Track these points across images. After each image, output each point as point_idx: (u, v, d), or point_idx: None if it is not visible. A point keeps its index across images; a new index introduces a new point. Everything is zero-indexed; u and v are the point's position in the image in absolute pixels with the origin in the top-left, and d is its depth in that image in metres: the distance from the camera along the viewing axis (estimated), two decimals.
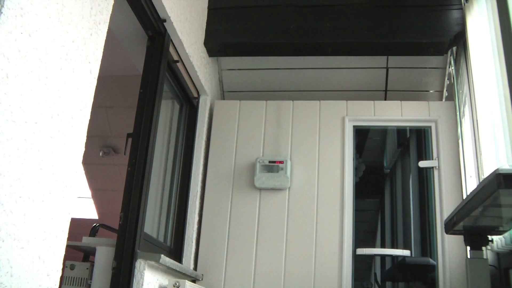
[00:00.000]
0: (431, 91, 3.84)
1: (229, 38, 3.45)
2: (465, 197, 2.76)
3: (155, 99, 2.64)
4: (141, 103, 2.63)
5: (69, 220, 1.67)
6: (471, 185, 2.88)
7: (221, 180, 3.35)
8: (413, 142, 3.81)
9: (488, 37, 2.51)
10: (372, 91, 3.81)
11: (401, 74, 3.70)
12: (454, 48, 3.39)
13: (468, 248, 2.53)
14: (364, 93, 3.80)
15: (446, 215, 2.90)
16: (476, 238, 2.15)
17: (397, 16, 3.36)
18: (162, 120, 2.93)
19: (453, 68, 3.44)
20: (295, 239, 3.13)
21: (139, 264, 2.33)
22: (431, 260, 3.05)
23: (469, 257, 2.31)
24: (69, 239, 1.68)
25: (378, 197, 4.92)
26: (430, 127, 3.32)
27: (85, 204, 6.38)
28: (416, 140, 3.75)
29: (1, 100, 1.32)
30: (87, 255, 2.68)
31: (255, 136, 3.43)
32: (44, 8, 1.52)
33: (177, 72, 3.06)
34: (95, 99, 1.85)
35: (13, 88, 1.37)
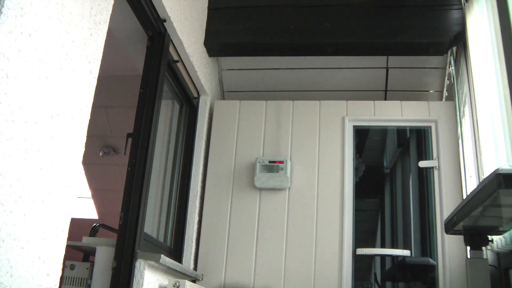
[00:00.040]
0: (431, 91, 3.84)
1: (229, 38, 3.45)
2: (465, 197, 2.76)
3: (155, 99, 2.64)
4: (141, 103, 2.63)
5: (69, 220, 1.67)
6: (471, 185, 2.88)
7: (221, 180, 3.35)
8: (413, 142, 3.81)
9: (488, 37, 2.50)
10: (372, 91, 3.81)
11: (401, 74, 3.70)
12: (454, 48, 3.39)
13: (468, 248, 2.53)
14: (364, 93, 3.80)
15: (446, 215, 2.90)
16: (476, 238, 2.15)
17: (397, 16, 3.36)
18: (162, 120, 2.93)
19: (453, 68, 3.44)
20: (295, 239, 3.13)
21: (139, 264, 2.33)
22: (431, 260, 3.05)
23: (469, 257, 2.31)
24: (69, 239, 1.68)
25: (378, 197, 4.91)
26: (430, 127, 3.32)
27: (85, 204, 6.38)
28: (416, 140, 3.75)
29: (1, 100, 1.32)
30: (87, 255, 2.68)
31: (255, 136, 3.43)
32: (44, 8, 1.52)
33: (177, 72, 3.06)
34: (95, 99, 1.85)
35: (13, 88, 1.37)
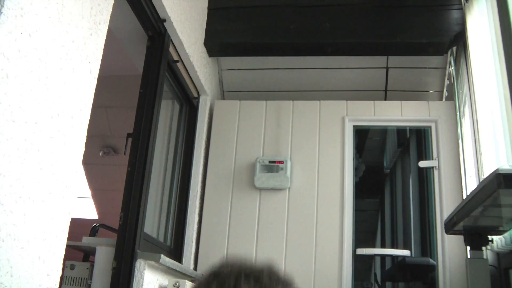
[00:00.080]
0: (431, 91, 3.84)
1: (229, 38, 3.45)
2: (465, 197, 2.76)
3: (155, 99, 2.64)
4: (141, 103, 2.63)
5: (69, 220, 1.67)
6: (471, 185, 2.88)
7: (221, 180, 3.35)
8: (413, 142, 3.80)
9: (488, 37, 2.50)
10: (372, 91, 3.81)
11: (401, 74, 3.70)
12: (454, 48, 3.39)
13: (468, 248, 2.53)
14: (364, 93, 3.80)
15: (446, 215, 2.90)
16: (476, 238, 2.15)
17: (397, 16, 3.36)
18: (162, 120, 2.93)
19: (453, 68, 3.44)
20: (295, 239, 3.13)
21: (139, 264, 2.32)
22: (431, 260, 3.05)
23: (469, 257, 2.31)
24: (69, 239, 1.68)
25: (378, 197, 4.91)
26: (430, 127, 3.32)
27: (85, 204, 6.38)
28: (416, 140, 3.75)
29: (1, 100, 1.32)
30: (87, 255, 2.67)
31: (255, 136, 3.43)
32: (44, 8, 1.52)
33: (177, 72, 3.06)
34: (95, 99, 1.85)
35: (13, 88, 1.37)
